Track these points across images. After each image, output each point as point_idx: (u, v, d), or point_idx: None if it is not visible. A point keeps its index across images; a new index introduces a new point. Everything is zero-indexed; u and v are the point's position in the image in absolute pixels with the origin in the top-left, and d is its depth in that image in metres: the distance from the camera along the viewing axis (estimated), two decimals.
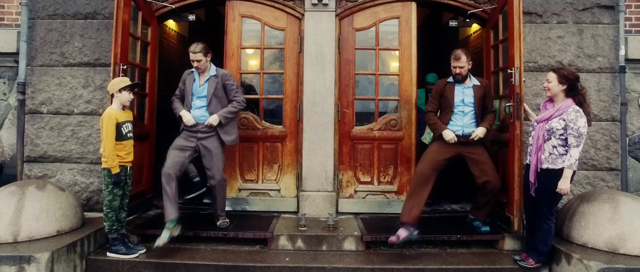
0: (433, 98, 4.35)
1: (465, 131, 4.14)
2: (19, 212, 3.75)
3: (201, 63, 4.15)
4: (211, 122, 4.11)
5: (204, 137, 4.16)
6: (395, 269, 3.80)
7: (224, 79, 4.23)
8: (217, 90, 4.19)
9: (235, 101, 4.24)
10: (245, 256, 4.03)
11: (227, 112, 4.18)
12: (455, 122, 4.18)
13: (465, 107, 4.18)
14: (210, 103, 4.17)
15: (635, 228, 3.58)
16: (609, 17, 5.04)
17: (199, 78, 4.24)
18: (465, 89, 4.21)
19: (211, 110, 4.17)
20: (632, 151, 5.27)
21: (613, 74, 5.01)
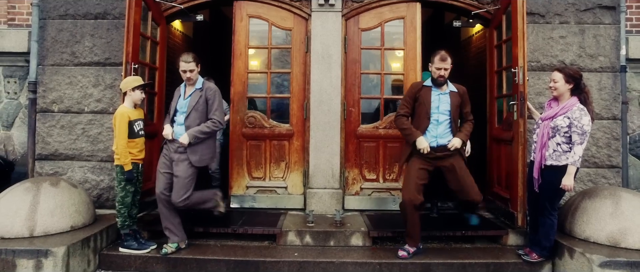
0: (406, 101, 4.03)
1: (439, 142, 3.87)
2: (34, 208, 3.83)
3: (194, 73, 3.93)
4: (181, 140, 3.83)
5: (176, 157, 3.89)
6: (402, 264, 3.89)
7: (207, 92, 3.94)
8: (198, 104, 3.90)
9: (210, 120, 3.91)
10: (254, 251, 4.12)
11: (198, 131, 3.85)
12: (429, 132, 3.90)
13: (439, 115, 3.89)
14: (188, 117, 3.89)
15: (636, 223, 3.68)
16: (610, 17, 5.14)
17: (185, 92, 4.02)
18: (441, 96, 3.92)
19: (188, 125, 3.88)
20: (633, 149, 5.37)
21: (614, 73, 5.10)
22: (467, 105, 4.03)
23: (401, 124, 3.99)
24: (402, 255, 3.94)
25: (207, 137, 3.95)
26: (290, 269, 3.88)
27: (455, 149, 3.84)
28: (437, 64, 3.86)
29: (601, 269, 3.41)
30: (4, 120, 5.44)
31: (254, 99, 5.37)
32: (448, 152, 3.84)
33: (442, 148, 3.85)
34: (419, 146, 3.82)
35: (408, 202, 3.81)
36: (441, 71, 3.85)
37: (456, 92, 3.96)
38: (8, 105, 5.44)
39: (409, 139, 3.91)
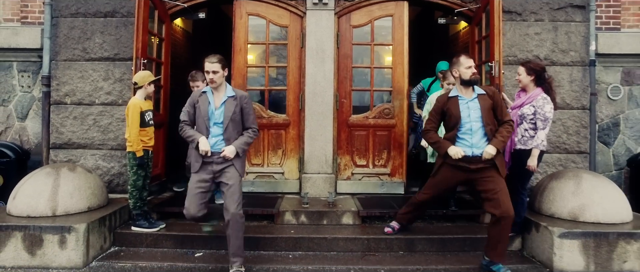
0: (433, 116, 3.85)
1: (475, 152, 3.60)
2: (55, 190, 4.23)
3: (217, 76, 3.59)
4: (227, 154, 3.56)
5: (221, 169, 3.63)
6: (388, 238, 4.34)
7: (242, 101, 3.68)
8: (235, 114, 3.63)
9: (251, 129, 3.73)
10: (255, 229, 4.55)
11: (245, 143, 3.67)
12: (462, 142, 3.66)
13: (472, 124, 3.62)
14: (227, 129, 3.62)
15: (593, 200, 4.13)
16: (580, 15, 5.58)
17: (214, 99, 3.67)
18: (469, 103, 3.67)
19: (227, 136, 3.62)
20: (601, 136, 5.83)
21: (584, 67, 5.55)
22: (501, 107, 3.70)
23: (429, 138, 3.83)
24: (388, 231, 4.35)
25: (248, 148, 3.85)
26: (287, 244, 4.32)
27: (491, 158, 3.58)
28: (466, 63, 3.68)
29: (560, 239, 3.87)
30: (18, 112, 5.82)
31: (252, 91, 5.78)
32: (483, 164, 3.59)
33: (477, 159, 3.60)
34: (452, 153, 3.61)
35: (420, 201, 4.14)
36: (473, 69, 3.68)
37: (484, 95, 3.69)
38: (22, 98, 5.81)
39: (440, 151, 3.74)
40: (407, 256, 4.19)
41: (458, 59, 3.73)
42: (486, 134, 3.63)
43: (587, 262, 3.86)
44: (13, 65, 5.83)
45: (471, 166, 3.62)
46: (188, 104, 3.72)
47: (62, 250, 3.84)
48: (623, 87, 5.84)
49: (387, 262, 4.05)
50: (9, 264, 3.79)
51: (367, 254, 4.23)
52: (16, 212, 4.09)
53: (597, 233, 3.88)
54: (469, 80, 3.66)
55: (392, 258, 4.15)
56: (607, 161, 5.86)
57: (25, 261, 3.82)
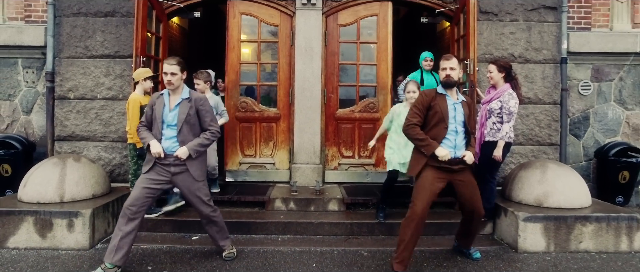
0: (418, 109, 3.65)
1: (457, 154, 3.61)
2: (62, 179, 4.58)
3: (175, 78, 3.58)
4: (179, 154, 3.55)
5: (179, 172, 3.63)
6: (369, 223, 4.72)
7: (197, 103, 3.65)
8: (189, 116, 3.61)
9: (209, 131, 3.70)
10: (247, 215, 4.93)
11: (199, 144, 3.63)
12: (446, 143, 3.61)
13: (457, 126, 3.63)
14: (181, 131, 3.60)
15: (556, 188, 4.53)
16: (552, 16, 5.95)
17: (170, 102, 3.66)
18: (456, 105, 3.66)
19: (181, 139, 3.60)
20: (572, 130, 6.23)
21: (555, 64, 5.94)
22: (473, 119, 3.82)
23: (416, 134, 3.60)
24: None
25: (205, 150, 3.78)
26: (277, 228, 4.69)
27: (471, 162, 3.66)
28: (442, 63, 3.67)
29: (524, 223, 4.27)
30: (23, 106, 6.14)
31: (245, 87, 6.13)
32: (464, 165, 3.65)
33: (458, 160, 3.61)
34: (440, 155, 3.52)
35: (420, 215, 3.52)
36: (447, 70, 3.63)
37: (466, 103, 3.73)
38: (27, 93, 6.13)
39: (427, 151, 3.55)
40: (387, 239, 4.57)
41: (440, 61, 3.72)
42: (466, 138, 3.68)
43: (548, 243, 4.26)
44: (18, 62, 6.15)
45: (454, 167, 3.60)
46: (148, 106, 3.73)
47: (70, 233, 4.20)
48: (593, 83, 6.23)
49: (368, 244, 4.43)
50: (22, 245, 4.15)
51: (350, 237, 4.62)
52: (27, 198, 4.44)
53: (557, 217, 4.29)
54: (442, 81, 3.67)
55: (373, 241, 4.54)
56: (578, 153, 6.26)
57: (37, 243, 4.18)
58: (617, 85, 6.26)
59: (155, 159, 3.60)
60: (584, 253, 4.20)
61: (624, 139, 6.19)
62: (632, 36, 6.15)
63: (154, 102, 3.70)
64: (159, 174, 3.61)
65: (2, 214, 4.18)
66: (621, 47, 6.16)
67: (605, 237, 4.25)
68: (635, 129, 6.23)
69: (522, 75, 5.86)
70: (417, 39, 9.49)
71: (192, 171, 3.64)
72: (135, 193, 3.54)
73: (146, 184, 3.57)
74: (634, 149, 5.84)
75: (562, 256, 4.15)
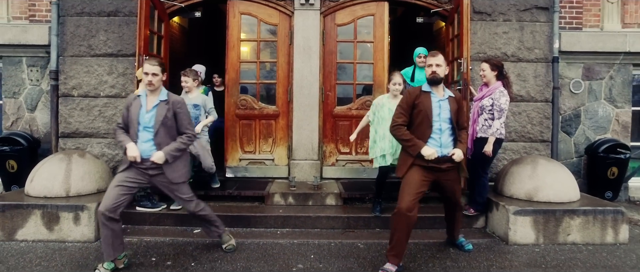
0: (403, 109, 3.64)
1: (443, 152, 3.60)
2: (68, 174, 4.72)
3: (156, 79, 3.56)
4: (155, 159, 3.52)
5: (156, 174, 3.62)
6: (365, 217, 4.88)
7: (175, 106, 3.62)
8: (166, 118, 3.56)
9: (185, 135, 3.66)
10: (247, 209, 5.08)
11: (175, 149, 3.60)
12: (432, 141, 3.60)
13: (442, 123, 3.60)
14: (157, 133, 3.55)
15: (546, 182, 4.69)
16: (544, 16, 6.11)
17: (147, 103, 3.60)
18: (441, 102, 3.63)
19: (158, 141, 3.56)
20: (564, 127, 6.40)
21: (547, 63, 6.09)
22: (463, 113, 3.79)
23: (401, 135, 3.60)
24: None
25: (181, 154, 3.71)
26: (276, 222, 4.85)
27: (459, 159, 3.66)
28: (428, 60, 3.64)
29: (515, 216, 4.43)
30: (28, 103, 6.28)
31: (245, 85, 6.28)
32: (451, 164, 3.65)
33: (445, 158, 3.61)
34: (426, 154, 3.51)
35: (405, 211, 3.49)
36: (433, 67, 3.59)
37: (453, 98, 3.70)
38: (32, 91, 6.27)
39: (413, 151, 3.56)
40: (382, 232, 4.72)
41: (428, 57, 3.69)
42: (453, 135, 3.67)
43: (537, 235, 4.43)
44: (22, 60, 6.28)
45: (442, 166, 3.60)
46: (123, 107, 3.70)
47: (77, 226, 4.35)
48: (584, 81, 6.39)
49: (365, 237, 4.59)
50: (30, 238, 4.30)
51: (347, 230, 4.77)
52: (34, 193, 4.59)
53: (546, 211, 4.46)
54: (428, 78, 3.64)
55: (369, 234, 4.69)
56: (569, 149, 6.43)
57: (45, 236, 4.33)
58: (608, 84, 6.42)
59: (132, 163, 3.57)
60: (572, 245, 4.37)
61: (614, 136, 6.35)
62: (621, 36, 6.31)
63: (130, 103, 3.64)
64: (137, 175, 3.61)
65: (11, 208, 4.33)
66: (611, 47, 6.32)
67: (592, 229, 4.42)
68: (624, 126, 6.40)
69: (515, 74, 6.02)
70: (414, 38, 9.62)
71: (168, 173, 3.62)
72: (109, 195, 3.49)
73: (122, 183, 3.53)
74: (623, 145, 6.01)
75: (551, 247, 4.31)
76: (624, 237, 4.42)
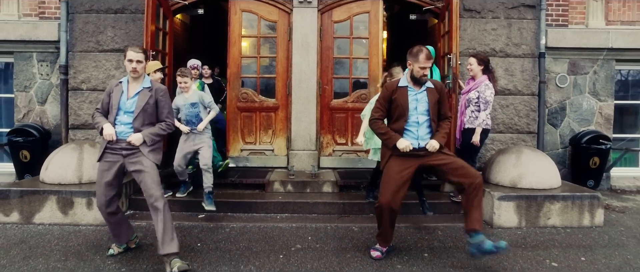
0: (380, 104, 3.73)
1: (421, 144, 3.62)
2: (80, 162, 5.02)
3: (140, 66, 3.56)
4: (133, 140, 3.49)
5: (130, 154, 3.55)
6: (360, 203, 5.19)
7: (158, 93, 3.62)
8: (148, 105, 3.57)
9: (165, 123, 3.65)
10: (248, 196, 5.39)
11: (155, 133, 3.59)
12: (409, 134, 3.64)
13: (419, 116, 3.62)
14: (137, 118, 3.54)
15: (529, 170, 5.01)
16: (531, 13, 6.41)
17: (129, 90, 3.61)
18: (418, 95, 3.63)
19: (136, 127, 3.55)
20: (550, 119, 6.71)
21: (534, 58, 6.40)
22: (445, 103, 3.76)
23: (378, 128, 3.70)
24: (376, 255, 3.79)
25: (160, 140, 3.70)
26: (275, 208, 5.16)
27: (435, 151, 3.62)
28: (422, 62, 3.54)
29: (499, 201, 4.75)
30: (38, 97, 6.57)
31: (246, 79, 6.58)
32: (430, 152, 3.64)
33: (422, 150, 3.63)
34: (400, 147, 3.57)
35: (385, 205, 3.59)
36: (426, 70, 3.59)
37: (433, 88, 3.68)
38: (42, 85, 6.56)
39: (389, 144, 3.65)
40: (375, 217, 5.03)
41: (418, 55, 3.55)
42: (430, 127, 3.66)
43: (520, 219, 4.75)
44: (33, 56, 6.56)
45: (420, 153, 3.62)
46: (105, 93, 3.70)
47: (89, 210, 4.66)
48: (569, 76, 6.70)
49: (359, 221, 4.90)
50: (46, 221, 4.61)
51: (343, 215, 5.09)
52: (49, 180, 4.89)
53: (528, 196, 4.77)
54: (418, 78, 3.61)
55: (363, 219, 5.00)
56: (555, 141, 6.75)
57: (60, 219, 4.64)
58: (592, 78, 6.73)
59: (106, 143, 3.55)
60: (551, 228, 4.69)
61: (597, 128, 6.67)
62: (605, 33, 6.62)
63: (111, 90, 3.65)
64: (111, 161, 3.56)
65: (28, 194, 4.64)
66: (595, 43, 6.63)
67: (570, 213, 4.74)
68: (607, 118, 6.72)
69: (503, 69, 6.33)
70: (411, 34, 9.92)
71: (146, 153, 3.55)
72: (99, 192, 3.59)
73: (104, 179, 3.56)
74: (604, 137, 6.33)
75: (532, 230, 4.64)
76: (600, 220, 4.74)
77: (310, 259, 3.74)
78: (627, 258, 3.83)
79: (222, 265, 3.58)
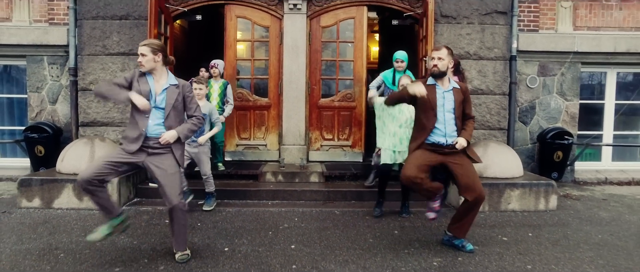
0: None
1: (449, 141, 3.74)
2: (92, 154, 5.59)
3: (145, 60, 3.42)
4: (168, 138, 3.41)
5: (156, 153, 3.46)
6: (343, 191, 5.78)
7: (185, 90, 3.58)
8: (177, 102, 3.52)
9: (195, 117, 3.64)
10: (243, 185, 5.97)
11: (189, 129, 3.56)
12: (438, 131, 3.73)
13: (446, 114, 3.73)
14: (168, 116, 3.47)
15: (494, 161, 5.60)
16: (503, 19, 7.00)
17: (155, 85, 3.48)
18: (445, 93, 3.77)
19: (168, 124, 3.47)
20: (521, 117, 7.31)
21: (505, 61, 7.00)
22: (469, 103, 3.89)
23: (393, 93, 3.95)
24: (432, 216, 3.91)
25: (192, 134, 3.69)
26: (267, 195, 5.73)
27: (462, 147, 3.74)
28: (432, 54, 3.74)
29: None
30: (50, 97, 7.13)
31: (241, 80, 7.15)
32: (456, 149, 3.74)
33: (451, 147, 3.73)
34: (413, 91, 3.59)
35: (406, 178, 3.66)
36: (434, 60, 3.71)
37: (459, 89, 3.83)
38: (53, 86, 7.12)
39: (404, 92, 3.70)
40: (357, 203, 5.62)
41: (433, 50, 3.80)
42: (456, 125, 3.77)
43: (483, 204, 5.26)
44: (44, 59, 7.12)
45: (445, 150, 3.73)
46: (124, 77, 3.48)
47: None
48: (539, 77, 7.30)
49: (341, 206, 5.48)
50: (64, 206, 5.19)
51: (327, 202, 5.67)
52: (65, 170, 5.46)
53: (492, 184, 5.36)
54: (430, 71, 3.78)
55: (346, 204, 5.58)
56: (525, 137, 7.35)
57: (76, 204, 5.21)
58: (559, 80, 7.33)
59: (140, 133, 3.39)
60: (511, 211, 5.29)
61: (564, 125, 7.28)
62: (571, 38, 7.22)
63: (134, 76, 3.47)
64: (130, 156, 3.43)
65: (48, 182, 5.21)
66: (563, 47, 7.23)
67: (528, 199, 5.33)
68: (572, 117, 7.32)
69: (476, 70, 6.93)
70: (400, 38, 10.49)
71: (177, 155, 3.53)
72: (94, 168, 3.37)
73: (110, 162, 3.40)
74: (567, 133, 6.94)
75: (494, 214, 5.23)
76: (553, 205, 5.34)
77: (295, 235, 4.32)
78: (566, 233, 4.43)
79: (219, 239, 4.16)
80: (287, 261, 3.65)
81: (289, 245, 4.03)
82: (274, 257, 3.72)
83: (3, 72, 7.53)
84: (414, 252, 3.90)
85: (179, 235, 3.59)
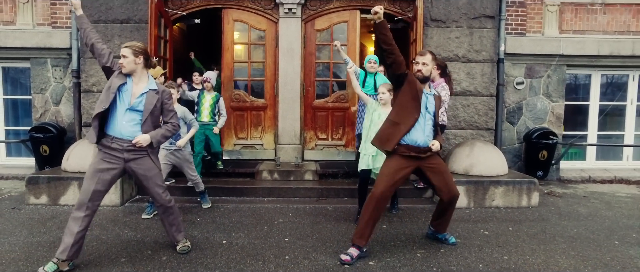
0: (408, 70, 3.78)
1: (426, 141, 3.78)
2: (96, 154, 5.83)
3: (126, 61, 3.42)
4: (141, 141, 3.42)
5: (135, 157, 3.49)
6: (336, 188, 6.05)
7: (164, 96, 3.59)
8: (155, 108, 3.51)
9: (170, 124, 3.64)
10: (240, 183, 6.24)
11: (162, 135, 3.57)
12: (418, 127, 3.74)
13: (427, 115, 3.78)
14: (146, 121, 3.49)
15: (479, 160, 5.87)
16: (491, 23, 7.27)
17: (133, 87, 3.47)
18: (428, 96, 3.81)
19: (145, 129, 3.49)
20: (508, 118, 7.59)
21: (492, 63, 7.27)
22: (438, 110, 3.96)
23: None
24: (345, 259, 3.66)
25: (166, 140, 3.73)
26: (263, 192, 6.00)
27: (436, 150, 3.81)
28: (417, 58, 3.80)
29: None
30: (53, 98, 7.37)
31: (238, 81, 7.41)
32: (431, 153, 3.80)
33: (426, 149, 3.77)
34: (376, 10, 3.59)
35: (379, 196, 3.67)
36: (418, 65, 3.75)
37: (437, 96, 3.93)
38: (56, 88, 7.36)
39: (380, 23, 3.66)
40: (349, 200, 5.88)
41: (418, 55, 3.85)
42: (434, 129, 3.85)
43: (469, 201, 5.61)
44: (47, 61, 7.37)
45: (421, 154, 3.74)
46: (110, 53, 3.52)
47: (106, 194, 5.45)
48: (526, 79, 7.58)
49: (334, 203, 5.74)
50: (70, 203, 5.43)
51: (320, 199, 5.93)
52: (70, 169, 5.71)
53: (477, 181, 5.64)
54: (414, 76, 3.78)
55: (338, 201, 5.85)
56: (513, 137, 7.63)
57: None
58: (545, 82, 7.61)
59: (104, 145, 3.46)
60: (495, 208, 5.56)
61: (550, 126, 7.56)
62: (557, 41, 7.50)
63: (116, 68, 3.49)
64: (110, 162, 3.46)
65: (54, 180, 5.46)
66: (549, 50, 7.51)
67: (511, 196, 5.61)
68: (558, 117, 7.60)
69: (465, 73, 7.20)
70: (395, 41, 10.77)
71: (153, 157, 3.58)
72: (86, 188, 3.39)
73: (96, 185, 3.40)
74: (552, 133, 7.22)
75: (478, 209, 5.50)
76: (535, 201, 5.62)
77: (289, 229, 4.59)
78: (545, 227, 4.71)
79: (218, 233, 4.42)
80: (281, 252, 3.92)
81: (283, 238, 4.29)
82: (269, 249, 3.98)
83: (8, 74, 7.77)
84: (400, 244, 4.17)
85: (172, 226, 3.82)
